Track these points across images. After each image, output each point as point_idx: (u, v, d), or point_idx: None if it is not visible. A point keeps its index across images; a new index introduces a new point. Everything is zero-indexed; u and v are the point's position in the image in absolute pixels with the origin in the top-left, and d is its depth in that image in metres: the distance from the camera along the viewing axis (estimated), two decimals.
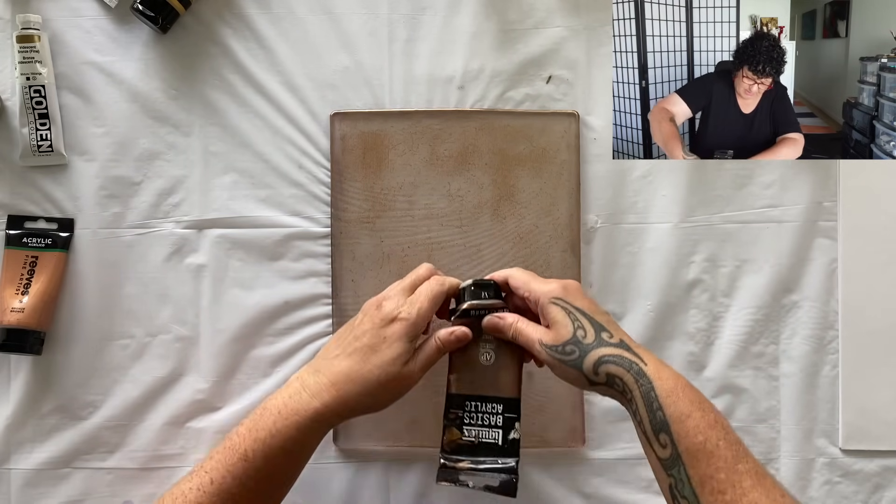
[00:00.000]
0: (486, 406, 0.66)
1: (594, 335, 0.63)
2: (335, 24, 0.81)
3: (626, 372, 0.61)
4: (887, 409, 0.79)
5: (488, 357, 0.66)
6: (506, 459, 0.65)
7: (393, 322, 0.65)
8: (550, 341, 0.64)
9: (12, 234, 0.79)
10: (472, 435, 0.65)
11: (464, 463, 0.65)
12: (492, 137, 0.80)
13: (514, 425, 0.66)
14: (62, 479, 0.79)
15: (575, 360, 0.62)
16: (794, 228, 0.80)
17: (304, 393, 0.65)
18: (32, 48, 0.77)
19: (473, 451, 0.66)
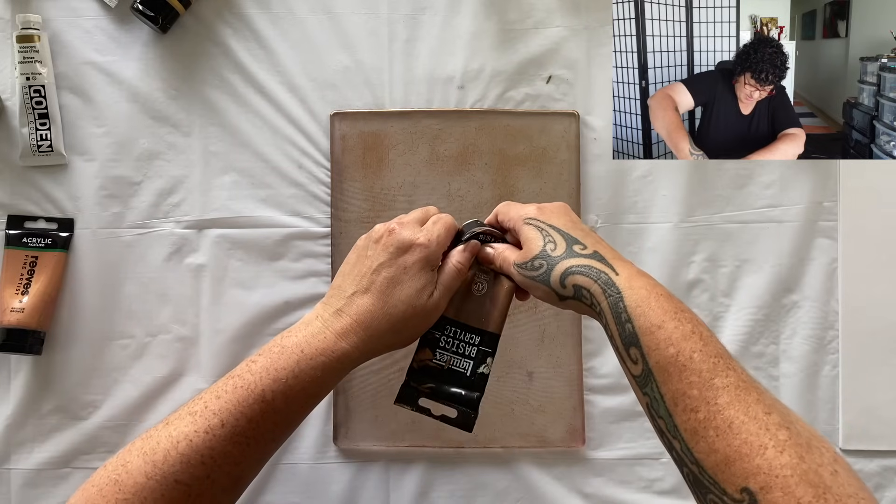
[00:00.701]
0: (465, 335, 0.64)
1: (564, 248, 0.59)
2: (335, 24, 0.81)
3: (594, 282, 0.56)
4: (887, 409, 0.79)
5: (480, 287, 0.64)
6: (469, 392, 0.63)
7: (412, 249, 0.61)
8: (520, 259, 0.60)
9: (12, 234, 0.79)
10: (443, 360, 0.64)
11: (427, 385, 0.64)
12: (492, 137, 0.80)
13: (486, 360, 0.64)
14: (62, 479, 0.79)
15: (542, 273, 0.59)
16: (794, 228, 0.80)
17: (329, 332, 0.59)
18: (32, 48, 0.77)
19: (440, 377, 0.63)
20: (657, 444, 0.80)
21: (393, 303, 0.60)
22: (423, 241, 0.61)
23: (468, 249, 0.64)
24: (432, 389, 0.63)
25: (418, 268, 0.61)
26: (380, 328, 0.60)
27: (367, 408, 0.79)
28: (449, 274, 0.63)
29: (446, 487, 0.79)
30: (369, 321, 0.60)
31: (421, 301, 0.61)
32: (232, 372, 0.60)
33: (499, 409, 0.79)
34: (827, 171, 0.81)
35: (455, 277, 0.63)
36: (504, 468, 0.79)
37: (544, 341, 0.79)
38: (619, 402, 0.80)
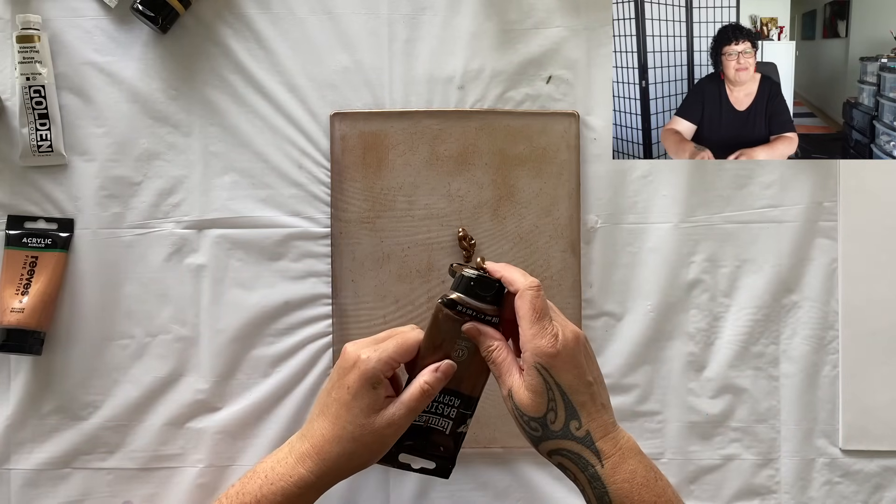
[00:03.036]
0: (445, 397, 0.64)
1: (563, 423, 0.59)
2: (335, 24, 0.81)
3: (581, 472, 0.59)
4: (887, 409, 0.79)
5: (460, 354, 0.63)
6: (447, 448, 0.64)
7: (353, 368, 0.61)
8: (520, 403, 0.59)
9: (12, 234, 0.79)
10: (422, 419, 0.64)
11: (407, 442, 0.64)
12: (492, 137, 0.80)
13: (465, 421, 0.64)
14: (62, 479, 0.79)
15: (535, 437, 0.60)
16: (794, 228, 0.80)
17: (291, 457, 0.62)
18: (32, 48, 0.77)
19: (419, 434, 0.64)
20: (657, 444, 0.80)
21: (342, 424, 0.61)
22: (363, 358, 0.60)
23: (441, 371, 0.62)
24: (412, 446, 0.64)
25: (358, 387, 0.60)
26: (332, 451, 0.61)
27: None
28: (412, 394, 0.61)
29: (446, 487, 0.79)
30: (321, 444, 0.61)
31: (369, 420, 0.60)
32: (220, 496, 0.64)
33: (499, 409, 0.79)
34: (827, 171, 0.81)
35: (420, 398, 0.61)
36: (504, 468, 0.79)
37: None
38: (620, 402, 0.80)
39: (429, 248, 0.80)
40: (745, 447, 0.80)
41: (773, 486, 0.80)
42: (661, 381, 0.80)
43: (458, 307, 0.62)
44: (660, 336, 0.80)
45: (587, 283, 0.80)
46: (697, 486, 0.80)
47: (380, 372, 0.60)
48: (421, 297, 0.79)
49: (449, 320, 0.63)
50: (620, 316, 0.80)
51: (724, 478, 0.80)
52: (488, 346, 0.62)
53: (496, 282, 0.63)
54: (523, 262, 0.79)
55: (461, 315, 0.62)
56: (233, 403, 0.79)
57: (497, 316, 0.63)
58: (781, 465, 0.80)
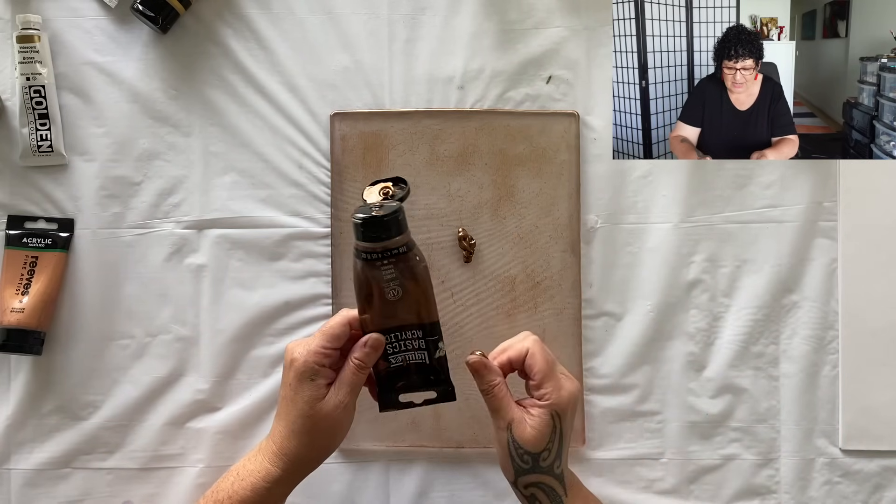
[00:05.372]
0: (405, 334, 0.64)
1: (551, 462, 0.65)
2: (335, 24, 0.81)
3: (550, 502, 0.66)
4: (887, 409, 0.79)
5: (395, 293, 0.63)
6: (437, 374, 0.65)
7: (290, 367, 0.64)
8: (520, 438, 0.64)
9: (12, 234, 0.79)
10: (400, 360, 0.65)
11: (399, 384, 0.65)
12: (492, 137, 0.80)
13: (437, 345, 0.65)
14: (62, 479, 0.79)
15: (522, 468, 0.65)
16: (794, 228, 0.80)
17: (260, 455, 0.65)
18: (32, 48, 0.77)
19: (405, 374, 0.65)
20: (657, 444, 0.80)
21: (291, 419, 0.64)
22: (295, 356, 0.64)
23: (369, 345, 0.64)
24: (405, 385, 0.65)
25: (296, 383, 0.63)
26: (290, 446, 0.64)
27: (367, 408, 0.79)
28: (348, 372, 0.64)
29: (446, 487, 0.79)
30: (281, 441, 0.64)
31: (315, 410, 0.63)
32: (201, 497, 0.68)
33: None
34: (827, 171, 0.81)
35: (355, 373, 0.64)
36: None
37: (544, 341, 0.79)
38: (619, 402, 0.80)
39: (429, 248, 0.80)
40: (745, 447, 0.80)
41: (773, 486, 0.80)
42: (661, 381, 0.80)
43: (363, 255, 0.62)
44: (660, 336, 0.80)
45: (587, 283, 0.80)
46: (697, 486, 0.80)
47: (311, 364, 0.63)
48: None
49: (365, 268, 0.63)
50: (620, 316, 0.80)
51: (724, 478, 0.80)
52: (490, 381, 0.66)
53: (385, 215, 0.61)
54: (523, 262, 0.79)
55: (374, 260, 0.62)
56: (233, 403, 0.79)
57: (406, 244, 0.62)
58: (781, 465, 0.80)
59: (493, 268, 0.79)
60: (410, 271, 0.63)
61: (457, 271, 0.79)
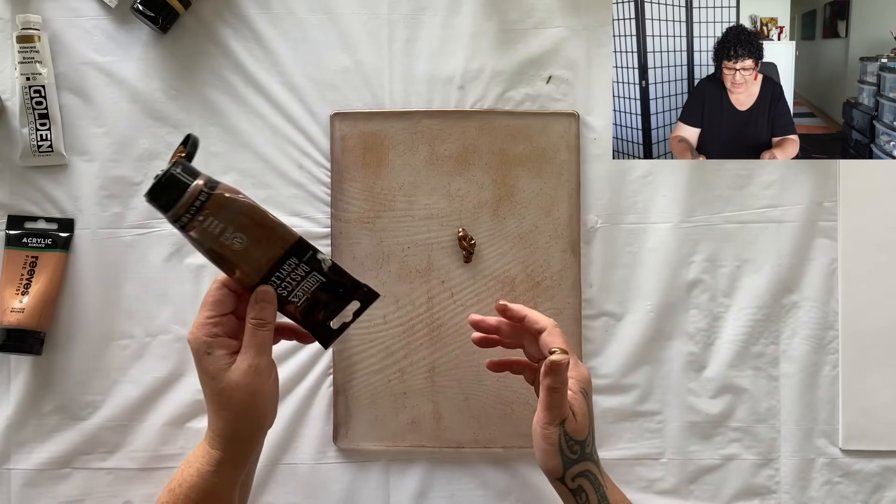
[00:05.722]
0: (284, 269, 0.61)
1: (591, 446, 0.65)
2: (335, 24, 0.81)
3: (594, 492, 0.65)
4: (887, 410, 0.79)
5: (240, 241, 0.60)
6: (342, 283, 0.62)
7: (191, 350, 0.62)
8: (572, 431, 0.63)
9: (12, 234, 0.79)
10: (301, 293, 0.62)
11: (319, 314, 0.63)
12: (492, 137, 0.80)
13: (317, 259, 0.62)
14: (62, 479, 0.79)
15: (570, 460, 0.64)
16: (794, 228, 0.80)
17: (204, 441, 0.64)
18: (32, 48, 0.77)
19: (316, 302, 0.63)
20: (657, 444, 0.80)
21: (210, 400, 0.62)
22: (189, 338, 0.62)
23: (259, 300, 0.61)
24: (326, 313, 0.63)
25: (197, 361, 0.62)
26: (220, 425, 0.62)
27: (367, 408, 0.79)
28: (248, 334, 0.61)
29: (446, 487, 0.79)
30: (213, 423, 0.63)
31: (224, 383, 0.61)
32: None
33: (499, 409, 0.79)
34: (827, 171, 0.81)
35: (254, 333, 0.61)
36: (504, 468, 0.79)
37: None
38: (620, 402, 0.80)
39: (429, 248, 0.80)
40: (745, 447, 0.80)
41: (773, 486, 0.80)
42: (661, 381, 0.80)
43: (179, 224, 0.59)
44: (660, 336, 0.80)
45: (587, 283, 0.80)
46: (697, 486, 0.80)
47: (201, 338, 0.61)
48: (421, 296, 0.79)
49: (194, 236, 0.59)
50: (620, 316, 0.80)
51: (724, 478, 0.80)
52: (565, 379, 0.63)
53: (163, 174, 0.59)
54: (523, 262, 0.79)
55: (189, 223, 0.59)
56: None
57: (206, 184, 0.59)
58: (781, 465, 0.80)
59: (493, 268, 0.79)
60: (232, 210, 0.60)
61: (457, 271, 0.79)
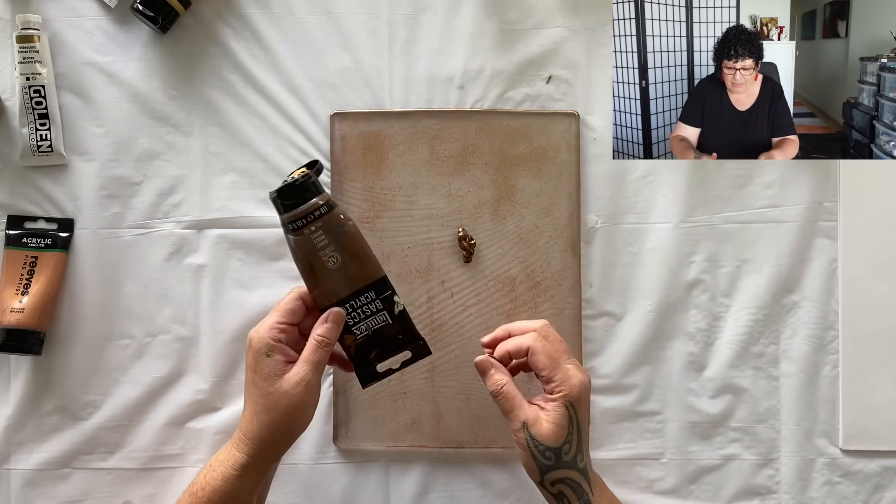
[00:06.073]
0: (359, 300, 0.64)
1: (573, 455, 0.66)
2: (335, 24, 0.81)
3: (577, 500, 0.66)
4: (887, 410, 0.79)
5: (335, 260, 0.63)
6: (405, 332, 0.65)
7: (248, 350, 0.64)
8: (539, 435, 0.65)
9: (12, 234, 0.79)
10: (364, 329, 0.64)
11: (372, 354, 0.65)
12: (492, 137, 0.80)
13: (393, 299, 0.65)
14: (62, 479, 0.79)
15: (545, 466, 0.65)
16: (794, 228, 0.80)
17: (229, 446, 0.65)
18: (32, 48, 0.77)
19: (374, 342, 0.65)
20: (657, 445, 0.80)
21: (253, 401, 0.63)
22: (251, 336, 0.64)
23: (330, 319, 0.63)
24: (378, 354, 0.65)
25: (253, 362, 0.63)
26: (254, 429, 0.63)
27: (367, 408, 0.79)
28: (310, 349, 0.63)
29: (446, 487, 0.79)
30: (246, 426, 0.64)
31: (274, 388, 0.62)
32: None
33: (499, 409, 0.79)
34: (827, 171, 0.81)
35: (318, 351, 0.63)
36: (504, 468, 0.79)
37: None
38: (619, 402, 0.80)
39: (429, 248, 0.80)
40: (745, 447, 0.80)
41: (773, 486, 0.80)
42: (661, 381, 0.80)
43: (290, 226, 0.63)
44: (660, 336, 0.80)
45: (587, 283, 0.80)
46: (697, 486, 0.80)
47: (266, 340, 0.63)
48: (421, 296, 0.79)
49: (298, 242, 0.63)
50: (620, 316, 0.80)
51: (724, 478, 0.80)
52: (498, 382, 0.67)
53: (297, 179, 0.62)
54: (523, 262, 0.79)
55: (301, 229, 0.63)
56: (233, 403, 0.79)
57: (326, 204, 0.63)
58: (781, 465, 0.80)
59: (493, 268, 0.79)
60: (340, 231, 0.63)
61: (457, 271, 0.79)
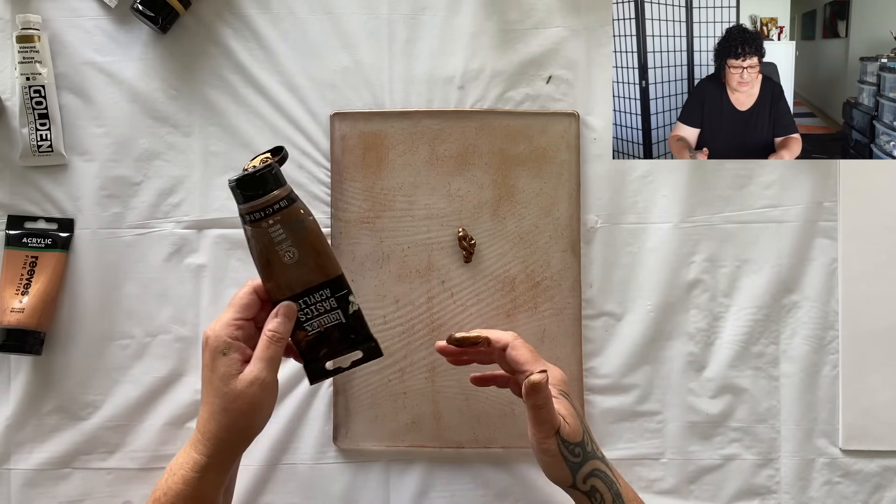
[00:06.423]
0: (315, 297, 0.63)
1: (590, 444, 0.65)
2: (335, 24, 0.81)
3: (608, 490, 0.65)
4: (887, 410, 0.79)
5: (292, 255, 0.62)
6: (357, 331, 0.64)
7: (204, 348, 0.63)
8: (568, 435, 0.63)
9: (12, 234, 0.79)
10: (316, 326, 0.64)
11: (322, 352, 0.64)
12: (492, 137, 0.80)
13: (348, 300, 0.64)
14: (62, 479, 0.79)
15: (576, 463, 0.64)
16: (794, 228, 0.80)
17: (187, 447, 0.64)
18: (32, 48, 0.77)
19: (325, 339, 0.64)
20: (657, 445, 0.80)
21: (210, 401, 0.62)
22: (206, 333, 0.62)
23: (281, 314, 0.62)
24: (327, 352, 0.64)
25: (210, 360, 0.62)
26: (212, 429, 0.62)
27: (367, 408, 0.79)
28: (262, 345, 0.62)
29: (446, 487, 0.79)
30: (203, 426, 0.63)
31: (230, 388, 0.61)
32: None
33: (499, 409, 0.79)
34: (827, 171, 0.81)
35: (271, 347, 0.62)
36: (504, 468, 0.79)
37: (544, 341, 0.79)
38: (619, 402, 0.80)
39: (429, 248, 0.80)
40: (745, 447, 0.80)
41: (773, 486, 0.80)
42: (661, 381, 0.80)
43: (248, 218, 0.62)
44: (660, 336, 0.80)
45: (587, 283, 0.80)
46: (697, 486, 0.80)
47: (223, 337, 0.62)
48: (421, 297, 0.79)
49: (255, 234, 0.62)
50: (620, 316, 0.80)
51: (724, 478, 0.80)
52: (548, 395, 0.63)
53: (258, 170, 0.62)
54: (523, 262, 0.79)
55: (258, 221, 0.62)
56: None
57: (286, 197, 0.62)
58: (781, 465, 0.80)
59: (493, 268, 0.79)
60: (300, 227, 0.62)
61: (457, 271, 0.79)
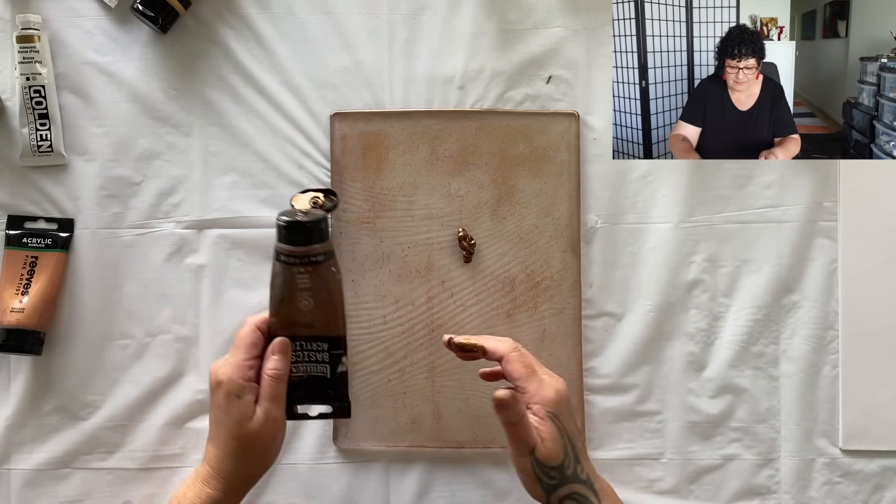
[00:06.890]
0: (312, 345, 0.64)
1: (572, 467, 0.64)
2: (335, 24, 0.81)
3: None
4: (887, 410, 0.79)
5: (307, 304, 0.63)
6: (336, 390, 0.65)
7: (217, 388, 0.63)
8: (544, 458, 0.63)
9: (12, 234, 0.79)
10: (301, 370, 0.65)
11: (296, 395, 0.65)
12: (492, 137, 0.80)
13: (340, 360, 0.65)
14: (62, 479, 0.79)
15: (551, 486, 0.64)
16: (794, 228, 0.80)
17: (198, 481, 0.65)
18: (32, 48, 0.77)
19: (305, 385, 0.65)
20: (657, 445, 0.80)
21: (224, 441, 0.63)
22: (220, 375, 0.63)
23: (277, 350, 0.63)
24: (301, 397, 0.65)
25: (225, 403, 0.63)
26: (227, 468, 0.63)
27: (367, 408, 0.79)
28: (265, 386, 0.63)
29: (446, 487, 0.79)
30: (217, 464, 0.64)
31: (244, 430, 0.62)
32: None
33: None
34: (827, 171, 0.81)
35: (274, 385, 0.63)
36: (504, 468, 0.79)
37: (544, 341, 0.79)
38: (619, 402, 0.80)
39: (429, 248, 0.80)
40: (745, 447, 0.80)
41: (773, 486, 0.80)
42: (661, 381, 0.80)
43: (282, 258, 0.63)
44: (660, 336, 0.80)
45: (587, 283, 0.80)
46: (697, 486, 0.80)
47: (238, 381, 0.63)
48: (421, 297, 0.79)
49: (283, 272, 0.63)
50: (620, 316, 0.80)
51: (724, 478, 0.80)
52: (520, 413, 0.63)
53: (310, 221, 0.62)
54: (523, 262, 0.79)
55: (291, 265, 0.62)
56: None
57: (324, 254, 0.63)
58: (781, 465, 0.80)
59: (493, 268, 0.79)
60: (325, 282, 0.63)
61: (457, 271, 0.79)
